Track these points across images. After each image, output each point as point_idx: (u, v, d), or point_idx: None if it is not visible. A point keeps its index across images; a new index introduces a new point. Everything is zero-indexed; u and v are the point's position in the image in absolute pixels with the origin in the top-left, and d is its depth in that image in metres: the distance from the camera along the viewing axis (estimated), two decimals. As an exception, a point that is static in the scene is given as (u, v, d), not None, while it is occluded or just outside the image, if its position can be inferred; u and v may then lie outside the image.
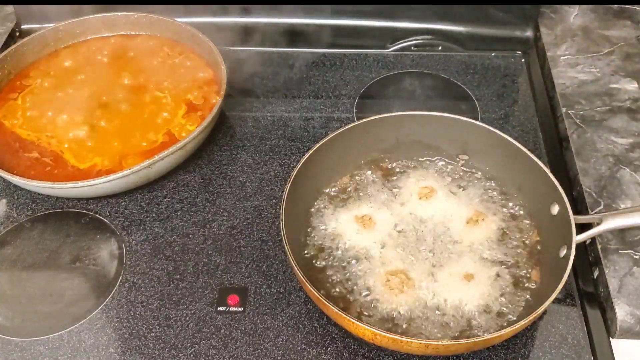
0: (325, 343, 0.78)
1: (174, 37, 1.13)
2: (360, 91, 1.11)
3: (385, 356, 0.77)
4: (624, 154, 0.95)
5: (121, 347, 0.78)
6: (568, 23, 1.20)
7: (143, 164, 0.89)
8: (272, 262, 0.86)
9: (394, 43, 1.20)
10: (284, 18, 1.20)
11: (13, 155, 0.96)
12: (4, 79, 1.07)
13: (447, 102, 1.10)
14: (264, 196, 0.95)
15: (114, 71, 1.08)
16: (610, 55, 1.12)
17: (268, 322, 0.80)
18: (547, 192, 0.83)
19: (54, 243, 0.89)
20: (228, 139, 1.04)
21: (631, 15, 1.20)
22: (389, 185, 0.91)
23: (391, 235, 0.85)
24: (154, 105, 1.02)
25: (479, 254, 0.83)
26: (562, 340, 0.78)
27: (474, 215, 0.86)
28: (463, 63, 1.16)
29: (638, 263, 0.82)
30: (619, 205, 0.88)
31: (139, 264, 0.87)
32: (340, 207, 0.89)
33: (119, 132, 0.98)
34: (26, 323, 0.81)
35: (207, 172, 0.99)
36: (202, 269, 0.86)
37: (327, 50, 1.19)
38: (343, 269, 0.82)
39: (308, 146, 0.97)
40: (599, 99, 1.04)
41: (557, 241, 0.79)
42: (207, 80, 1.07)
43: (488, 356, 0.77)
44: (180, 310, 0.81)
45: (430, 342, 0.69)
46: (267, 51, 1.19)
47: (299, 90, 1.12)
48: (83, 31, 1.14)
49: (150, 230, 0.91)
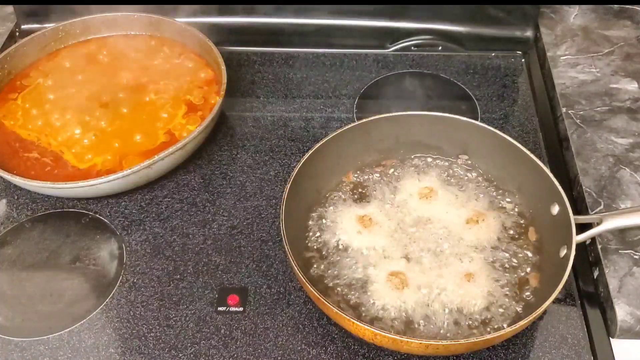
0: (325, 343, 0.78)
1: (174, 37, 1.13)
2: (360, 91, 1.11)
3: (385, 356, 0.77)
4: (624, 154, 0.95)
5: (121, 347, 0.78)
6: (568, 23, 1.20)
7: (143, 164, 0.89)
8: (272, 262, 0.86)
9: (394, 43, 1.20)
10: (284, 18, 1.20)
11: (13, 155, 0.96)
12: (4, 79, 1.07)
13: (447, 102, 1.10)
14: (264, 196, 0.95)
15: (114, 71, 1.08)
16: (610, 55, 1.12)
17: (268, 322, 0.80)
18: (547, 192, 0.83)
19: (54, 243, 0.89)
20: (228, 139, 1.04)
21: (631, 15, 1.20)
22: (389, 185, 0.91)
23: (391, 235, 0.85)
24: (154, 105, 1.02)
25: (478, 253, 0.83)
26: (562, 340, 0.78)
27: (474, 215, 0.86)
28: (463, 63, 1.16)
29: (638, 263, 0.82)
30: (619, 205, 0.88)
31: (139, 264, 0.87)
32: (340, 207, 0.89)
33: (119, 132, 0.98)
34: (26, 323, 0.81)
35: (207, 172, 0.99)
36: (202, 269, 0.86)
37: (327, 50, 1.19)
38: (343, 269, 0.82)
39: (308, 146, 0.97)
40: (599, 99, 1.04)
41: (557, 241, 0.79)
42: (207, 80, 1.07)
43: (488, 356, 0.77)
44: (180, 310, 0.81)
45: (430, 342, 0.69)
46: (267, 51, 1.19)
47: (299, 90, 1.12)
48: (83, 31, 1.14)
49: (150, 230, 0.91)
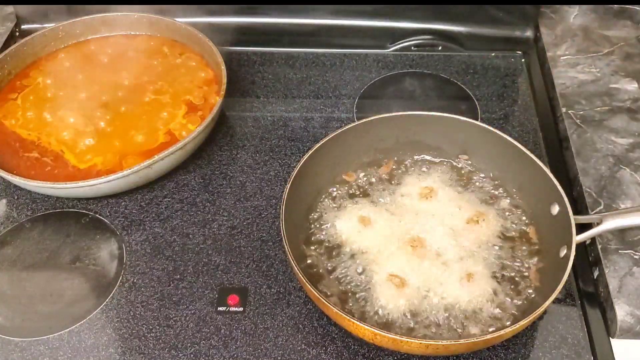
0: (325, 343, 0.78)
1: (174, 37, 1.13)
2: (360, 91, 1.11)
3: (385, 356, 0.77)
4: (624, 154, 0.95)
5: (121, 347, 0.78)
6: (568, 23, 1.19)
7: (143, 164, 0.89)
8: (272, 262, 0.86)
9: (394, 43, 1.20)
10: (284, 18, 1.20)
11: (13, 155, 0.96)
12: (4, 79, 1.07)
13: (447, 102, 1.10)
14: (264, 196, 0.95)
15: (114, 71, 1.08)
16: (610, 55, 1.12)
17: (268, 322, 0.80)
18: (547, 192, 0.83)
19: (54, 243, 0.89)
20: (228, 139, 1.04)
21: (631, 15, 1.20)
22: (389, 185, 0.91)
23: (391, 235, 0.85)
24: (154, 105, 1.02)
25: (479, 253, 0.83)
26: (562, 340, 0.78)
27: (474, 215, 0.86)
28: (463, 63, 1.16)
29: (638, 263, 0.82)
30: (619, 205, 0.88)
31: (139, 264, 0.87)
32: (340, 207, 0.89)
33: (119, 132, 0.98)
34: (26, 323, 0.81)
35: (207, 172, 0.99)
36: (202, 269, 0.86)
37: (327, 50, 1.19)
38: (343, 268, 0.82)
39: (308, 146, 0.97)
40: (599, 99, 1.04)
41: (557, 241, 0.79)
42: (207, 80, 1.07)
43: (488, 356, 0.77)
44: (180, 310, 0.81)
45: (430, 342, 0.69)
46: (267, 51, 1.19)
47: (299, 90, 1.12)
48: (83, 31, 1.14)
49: (150, 230, 0.91)
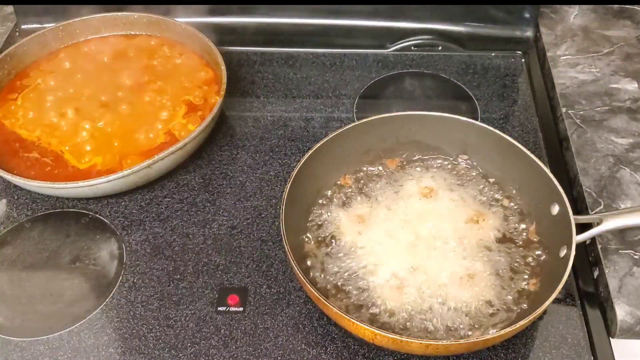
0: (325, 343, 0.78)
1: (174, 37, 1.13)
2: (360, 91, 1.11)
3: (385, 356, 0.77)
4: (624, 154, 0.95)
5: (121, 347, 0.78)
6: (568, 23, 1.20)
7: (143, 164, 0.89)
8: (272, 262, 0.86)
9: (394, 43, 1.20)
10: (284, 18, 1.20)
11: (13, 155, 0.96)
12: (4, 79, 1.07)
13: (447, 102, 1.10)
14: (264, 196, 0.95)
15: (114, 71, 1.08)
16: (610, 55, 1.12)
17: (268, 322, 0.80)
18: (547, 192, 0.83)
19: (54, 243, 0.89)
20: (228, 139, 1.04)
21: (631, 15, 1.20)
22: (389, 185, 0.91)
23: (392, 235, 0.85)
24: (154, 105, 1.02)
25: (479, 253, 0.83)
26: (562, 340, 0.78)
27: (474, 215, 0.86)
28: (463, 63, 1.16)
29: (638, 263, 0.82)
30: (619, 205, 0.88)
31: (139, 264, 0.87)
32: (340, 207, 0.89)
33: (119, 132, 0.98)
34: (26, 323, 0.81)
35: (207, 172, 0.99)
36: (202, 269, 0.86)
37: (327, 50, 1.19)
38: (343, 268, 0.82)
39: (308, 146, 0.97)
40: (599, 99, 1.04)
41: (557, 241, 0.79)
42: (207, 80, 1.07)
43: (488, 356, 0.77)
44: (180, 310, 0.81)
45: (430, 342, 0.69)
46: (267, 51, 1.19)
47: (299, 90, 1.12)
48: (83, 31, 1.14)
49: (150, 230, 0.91)
